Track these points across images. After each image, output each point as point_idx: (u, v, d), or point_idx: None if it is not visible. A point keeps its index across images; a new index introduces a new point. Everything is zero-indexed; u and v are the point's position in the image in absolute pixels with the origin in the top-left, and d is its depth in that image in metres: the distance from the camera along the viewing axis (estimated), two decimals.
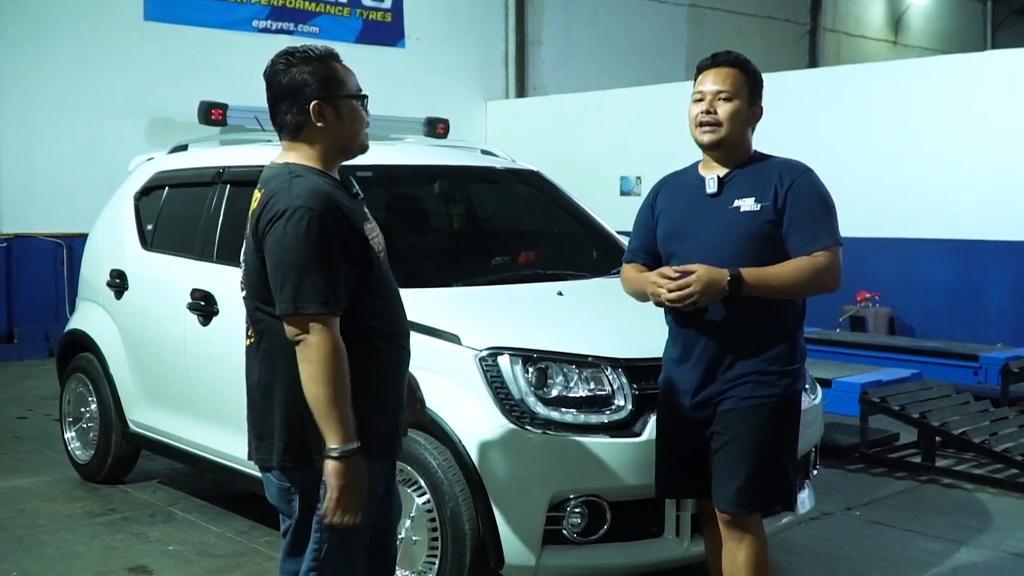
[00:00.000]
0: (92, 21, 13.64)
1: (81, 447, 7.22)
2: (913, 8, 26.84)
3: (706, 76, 4.00)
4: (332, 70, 3.35)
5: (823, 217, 3.91)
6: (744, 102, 3.96)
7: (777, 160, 4.05)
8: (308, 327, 3.14)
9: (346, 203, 3.29)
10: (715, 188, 3.96)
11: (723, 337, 3.90)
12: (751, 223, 3.88)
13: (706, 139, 3.96)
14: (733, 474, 3.89)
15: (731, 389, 3.90)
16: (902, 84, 12.33)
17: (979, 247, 11.40)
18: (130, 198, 7.05)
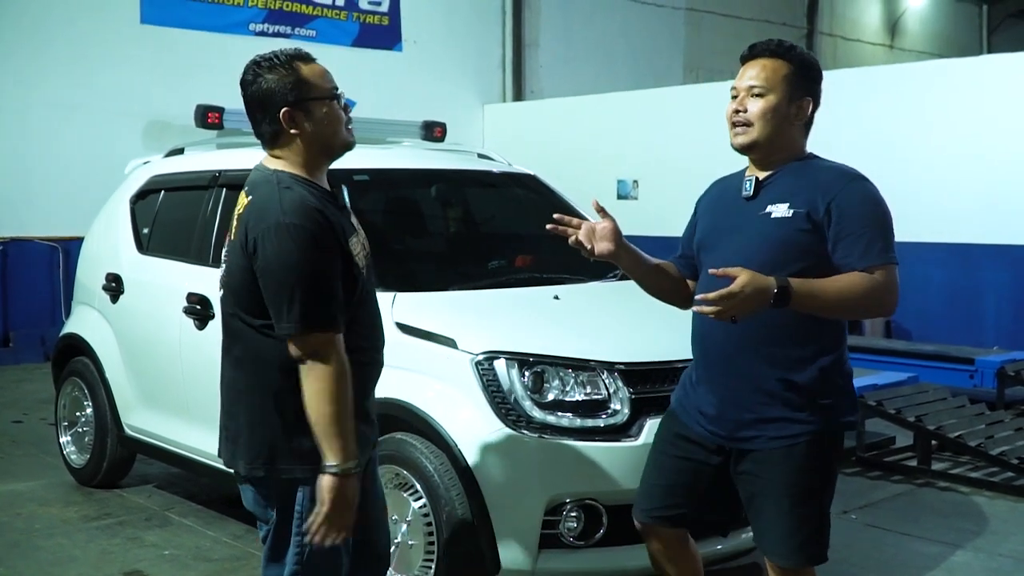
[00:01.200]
0: (88, 24, 13.62)
1: (77, 451, 7.21)
2: (909, 12, 26.87)
3: (744, 70, 3.59)
4: (297, 73, 3.28)
5: (877, 230, 3.48)
6: (782, 97, 3.52)
7: (827, 164, 3.62)
8: (318, 347, 3.13)
9: (334, 218, 3.26)
10: (751, 191, 3.58)
11: (753, 360, 3.49)
12: (781, 230, 3.46)
13: (736, 141, 3.58)
14: (775, 524, 3.54)
15: (758, 424, 3.50)
16: (898, 88, 12.34)
17: (975, 251, 11.41)
18: (126, 202, 7.05)
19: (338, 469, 3.13)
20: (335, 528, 3.18)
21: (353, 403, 3.23)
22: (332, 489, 3.14)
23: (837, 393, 3.56)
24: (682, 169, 12.33)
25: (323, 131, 3.31)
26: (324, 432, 3.14)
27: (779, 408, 3.49)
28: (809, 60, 3.63)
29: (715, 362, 3.60)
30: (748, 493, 3.60)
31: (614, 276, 5.76)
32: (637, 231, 9.32)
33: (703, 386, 3.65)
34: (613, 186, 14.75)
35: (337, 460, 3.13)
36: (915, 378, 8.84)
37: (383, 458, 4.74)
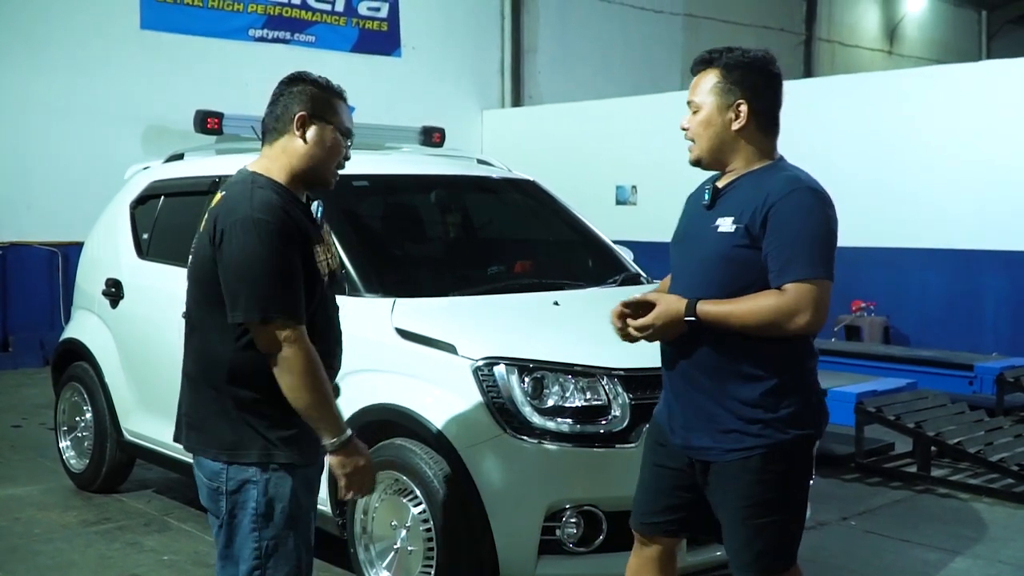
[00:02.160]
0: (88, 29, 13.64)
1: (76, 456, 7.21)
2: (908, 18, 26.90)
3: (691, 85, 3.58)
4: (331, 98, 3.46)
5: (802, 244, 3.33)
6: (711, 108, 3.47)
7: (781, 174, 3.48)
8: (283, 339, 3.23)
9: (300, 221, 3.36)
10: (708, 200, 3.54)
11: (708, 373, 3.47)
12: (723, 245, 3.41)
13: (690, 157, 3.57)
14: (733, 535, 3.54)
15: (714, 436, 3.47)
16: (897, 94, 12.36)
17: (974, 256, 11.42)
18: (126, 207, 7.05)
19: (335, 445, 3.31)
20: (362, 489, 3.47)
21: None
22: (340, 464, 3.34)
23: (796, 405, 3.47)
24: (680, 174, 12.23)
25: (319, 153, 3.42)
26: (311, 419, 3.30)
27: (733, 420, 3.45)
28: (737, 63, 3.51)
29: (675, 374, 3.60)
30: (714, 504, 3.59)
31: (614, 282, 5.77)
32: (636, 236, 9.35)
33: (669, 397, 3.66)
34: (612, 191, 14.77)
35: (332, 438, 3.31)
36: (914, 384, 8.84)
37: (382, 463, 4.76)
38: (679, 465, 3.64)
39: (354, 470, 3.35)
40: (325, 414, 3.29)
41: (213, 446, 3.41)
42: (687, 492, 3.66)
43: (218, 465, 3.40)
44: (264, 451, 3.34)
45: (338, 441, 3.31)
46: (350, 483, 3.38)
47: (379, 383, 4.87)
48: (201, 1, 14.60)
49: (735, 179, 3.53)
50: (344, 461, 3.33)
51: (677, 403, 3.60)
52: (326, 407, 3.29)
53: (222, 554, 3.50)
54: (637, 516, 3.82)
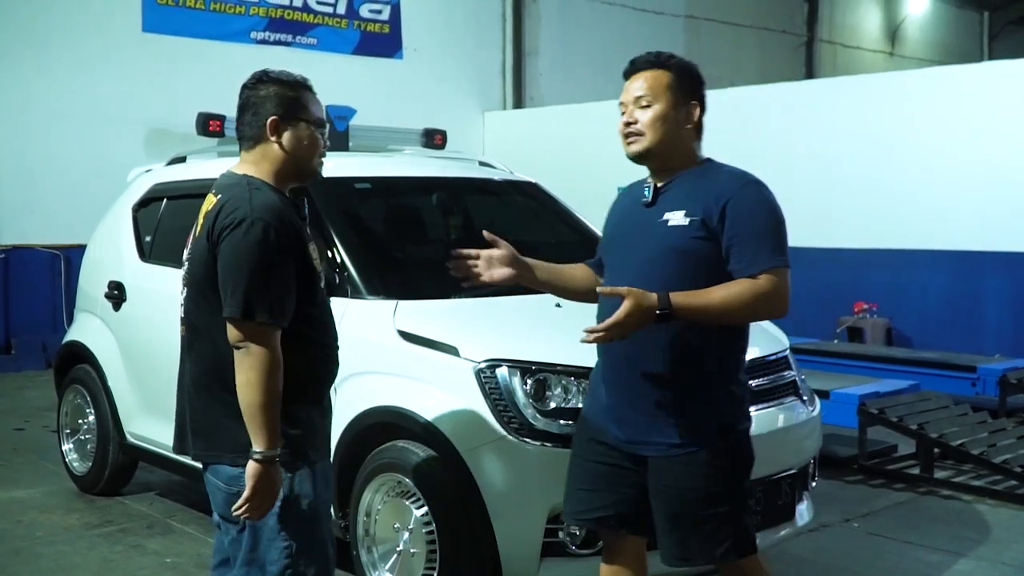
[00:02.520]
0: (90, 32, 13.66)
1: (79, 459, 7.21)
2: (910, 19, 26.89)
3: (628, 84, 3.70)
4: (298, 95, 3.51)
5: (766, 235, 3.47)
6: (668, 105, 3.59)
7: (724, 170, 3.64)
8: (253, 335, 3.28)
9: (298, 223, 3.45)
10: (649, 197, 3.64)
11: (649, 367, 3.56)
12: (677, 238, 3.50)
13: (631, 150, 3.65)
14: (668, 529, 3.62)
15: (654, 431, 3.57)
16: (899, 95, 12.35)
17: (976, 258, 11.41)
18: (128, 210, 7.05)
19: (261, 456, 3.28)
20: (257, 511, 3.33)
21: (314, 392, 3.50)
22: (255, 475, 3.28)
23: (729, 402, 3.64)
24: None
25: (299, 151, 3.50)
26: (251, 419, 3.29)
27: (673, 416, 3.56)
28: (689, 67, 3.70)
29: (617, 369, 3.66)
30: (658, 498, 3.65)
31: None
32: None
33: (609, 392, 3.70)
34: (613, 193, 14.64)
35: (262, 447, 3.28)
36: (917, 386, 8.84)
37: (384, 466, 4.76)
38: (622, 462, 3.71)
39: (264, 488, 3.29)
40: (268, 419, 3.27)
41: (228, 450, 3.43)
42: (630, 488, 3.72)
43: (237, 469, 3.40)
44: (295, 450, 3.40)
45: (268, 454, 3.27)
46: (253, 500, 3.29)
47: (381, 385, 4.87)
48: (203, 4, 14.62)
49: (674, 177, 3.65)
50: (264, 474, 3.28)
51: (622, 398, 3.65)
52: (272, 413, 3.27)
53: (246, 559, 3.49)
54: (574, 512, 3.89)
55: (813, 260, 12.36)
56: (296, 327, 3.39)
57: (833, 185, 12.48)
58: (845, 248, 12.40)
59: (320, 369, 3.55)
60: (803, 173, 12.41)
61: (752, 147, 12.26)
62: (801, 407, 5.20)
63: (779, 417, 4.95)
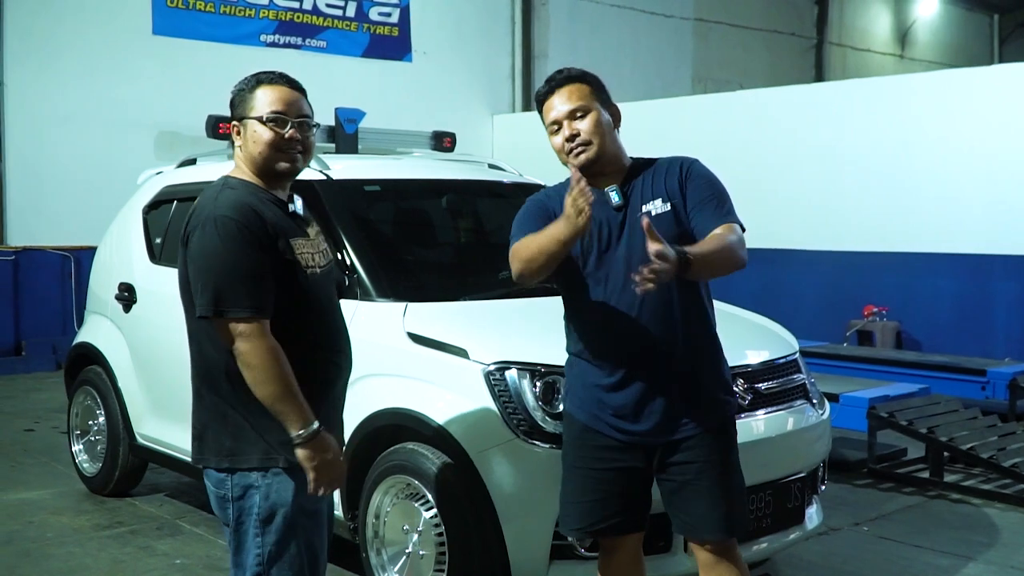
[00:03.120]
0: (100, 35, 13.70)
1: (89, 460, 7.23)
2: (919, 22, 26.87)
3: (550, 104, 3.81)
4: (245, 93, 3.53)
5: (724, 196, 3.76)
6: (599, 110, 3.79)
7: (662, 159, 3.90)
8: (238, 333, 3.25)
9: (272, 217, 3.39)
10: (619, 200, 3.76)
11: (688, 348, 3.73)
12: (666, 224, 3.65)
13: (581, 160, 3.74)
14: (716, 502, 3.73)
15: (690, 411, 3.72)
16: (908, 98, 12.34)
17: (986, 261, 11.39)
18: (139, 212, 7.07)
19: (300, 437, 3.26)
20: (332, 484, 3.36)
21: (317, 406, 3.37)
22: (307, 457, 3.28)
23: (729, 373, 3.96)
24: None
25: (249, 149, 3.48)
26: (275, 411, 3.27)
27: (707, 391, 3.78)
28: (594, 75, 3.90)
29: (644, 359, 3.71)
30: (678, 483, 3.76)
31: None
32: None
33: (625, 388, 3.73)
34: None
35: (298, 429, 3.26)
36: (927, 389, 8.83)
37: (393, 468, 4.76)
38: (629, 463, 3.77)
39: (321, 463, 3.29)
40: (288, 407, 3.25)
41: (214, 454, 3.42)
42: (636, 485, 3.82)
43: (222, 473, 3.41)
44: (264, 455, 3.35)
45: (304, 433, 3.26)
46: (319, 477, 3.30)
47: (390, 387, 4.87)
48: (213, 7, 14.65)
49: (625, 176, 3.83)
50: (311, 454, 3.28)
51: (647, 389, 3.71)
52: (289, 399, 3.25)
53: (233, 561, 3.50)
54: (579, 527, 3.91)
55: (823, 263, 12.36)
56: (281, 324, 3.34)
57: (843, 188, 12.47)
58: (855, 251, 12.38)
59: (305, 370, 3.38)
60: (813, 176, 12.41)
61: (762, 150, 12.27)
62: (811, 410, 5.20)
63: (789, 420, 4.95)
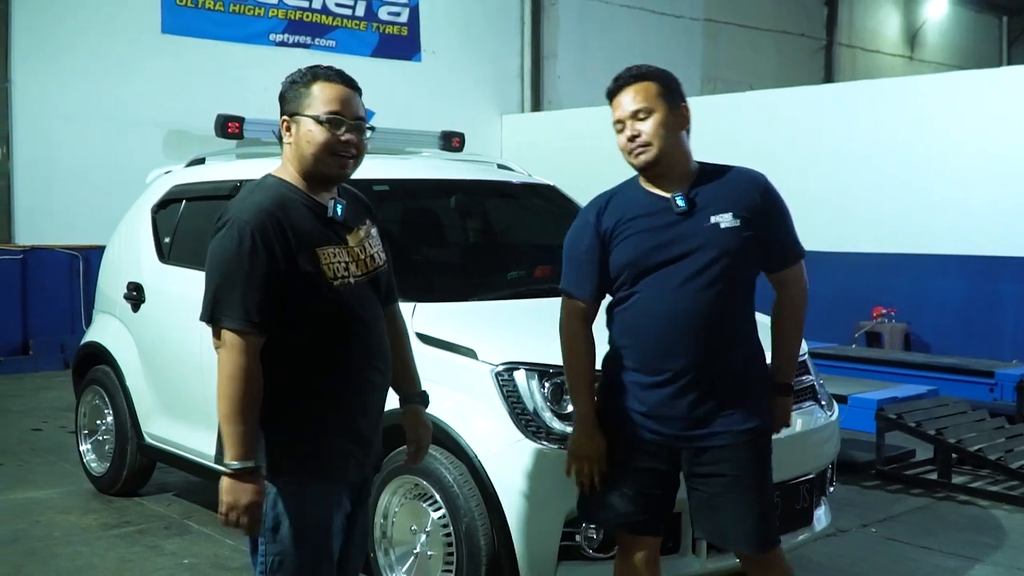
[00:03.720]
0: (109, 33, 13.71)
1: (96, 459, 7.23)
2: (929, 24, 26.84)
3: (617, 101, 3.78)
4: (299, 89, 3.35)
5: (791, 227, 3.86)
6: (665, 111, 3.72)
7: (734, 170, 3.85)
8: (224, 342, 3.18)
9: (299, 225, 3.27)
10: (685, 205, 3.71)
11: (736, 356, 3.75)
12: (731, 240, 3.67)
13: (640, 160, 3.74)
14: (744, 516, 3.74)
15: (723, 420, 3.70)
16: (917, 99, 12.32)
17: (995, 263, 11.37)
18: (147, 211, 7.07)
19: (229, 468, 3.15)
20: (237, 527, 3.19)
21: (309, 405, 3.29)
22: (224, 491, 3.17)
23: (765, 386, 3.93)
24: None
25: (301, 148, 3.33)
26: (222, 430, 3.17)
27: (742, 402, 3.74)
28: (665, 73, 3.84)
29: (687, 364, 3.69)
30: (708, 495, 3.77)
31: None
32: None
33: (660, 390, 3.73)
34: None
35: (230, 459, 3.15)
36: (935, 391, 8.82)
37: (402, 468, 4.75)
38: (656, 464, 3.79)
39: (233, 502, 3.15)
40: (232, 432, 3.13)
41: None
42: (666, 488, 3.85)
43: None
44: (273, 465, 3.25)
45: (231, 466, 3.14)
46: (227, 515, 3.17)
47: None
48: (222, 6, 14.66)
49: (693, 181, 3.77)
50: (227, 489, 3.15)
51: (677, 388, 3.70)
52: (236, 426, 3.13)
53: (252, 560, 3.44)
54: (607, 519, 3.96)
55: (832, 264, 12.33)
56: (294, 335, 3.26)
57: (852, 189, 12.46)
58: (864, 252, 12.37)
59: (319, 381, 3.32)
60: (822, 177, 12.39)
61: (771, 151, 12.25)
62: (819, 412, 5.19)
63: (797, 421, 4.94)
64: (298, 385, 3.29)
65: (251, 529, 3.21)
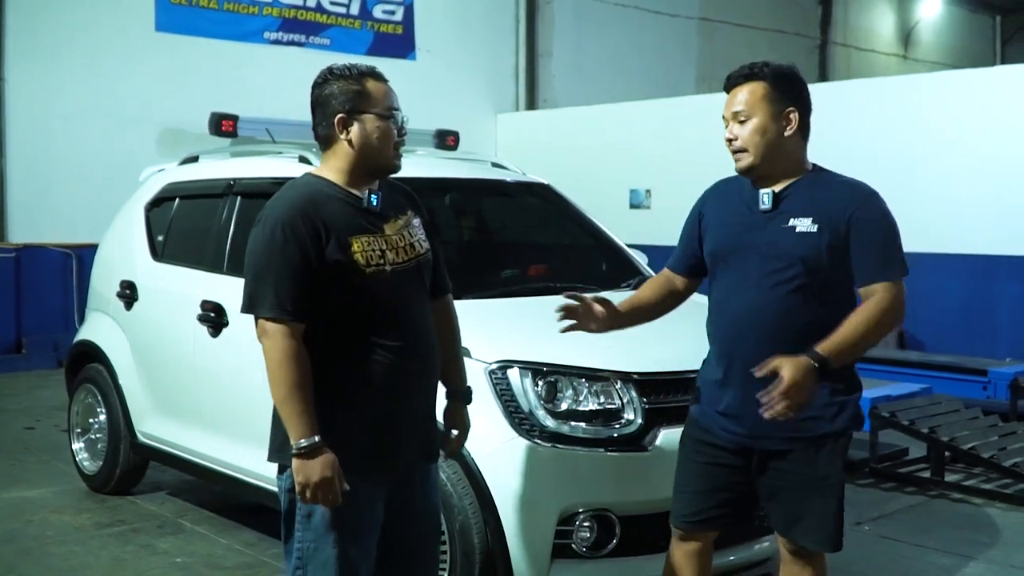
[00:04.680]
0: (103, 31, 13.68)
1: (89, 458, 7.22)
2: (923, 23, 26.85)
3: (728, 98, 3.76)
4: (362, 87, 3.42)
5: (887, 247, 3.64)
6: (766, 117, 3.66)
7: (841, 179, 3.74)
8: (263, 332, 3.31)
9: (333, 217, 3.36)
10: (769, 204, 3.68)
11: None
12: (805, 245, 3.60)
13: (737, 167, 3.73)
14: (808, 512, 3.74)
15: (786, 425, 3.56)
16: (912, 98, 12.33)
17: (988, 262, 11.38)
18: (141, 209, 7.07)
19: (296, 448, 3.25)
20: (317, 502, 3.29)
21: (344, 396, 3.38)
22: (296, 469, 3.27)
23: (853, 393, 3.78)
24: (695, 179, 12.23)
25: (369, 144, 3.43)
26: (281, 413, 3.30)
27: (814, 409, 3.60)
28: (783, 72, 3.75)
29: (747, 364, 3.62)
30: (774, 487, 3.76)
31: (628, 286, 5.75)
32: (650, 240, 9.33)
33: (730, 388, 3.74)
34: (626, 195, 14.75)
35: (295, 439, 3.25)
36: (928, 389, 8.83)
37: None
38: (732, 461, 3.79)
39: (305, 480, 3.25)
40: (290, 413, 3.25)
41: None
42: (742, 485, 3.82)
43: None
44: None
45: (299, 445, 3.24)
46: (303, 494, 3.28)
47: None
48: (216, 4, 14.63)
49: (791, 183, 3.71)
50: (301, 467, 3.25)
51: (740, 392, 3.69)
52: (292, 406, 3.25)
53: (285, 549, 3.52)
54: (684, 515, 3.93)
55: None
56: (322, 322, 3.35)
57: None
58: None
59: (349, 369, 3.40)
60: None
61: None
62: None
63: None
64: (328, 373, 3.36)
65: (331, 501, 3.28)
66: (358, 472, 3.37)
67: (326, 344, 3.36)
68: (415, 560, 3.70)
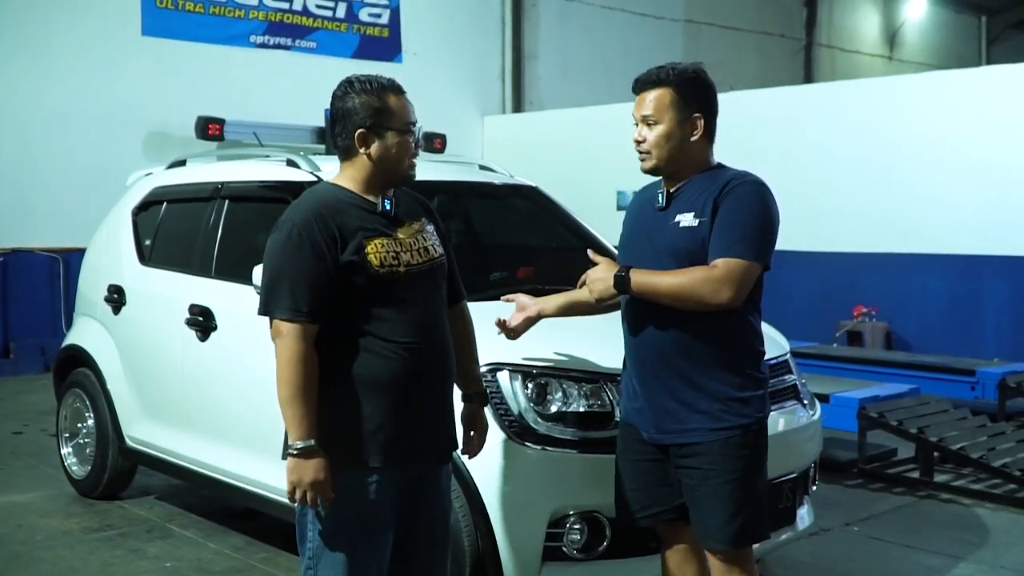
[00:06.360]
0: (89, 35, 13.66)
1: (78, 463, 7.20)
2: (908, 24, 26.92)
3: (637, 100, 3.81)
4: (383, 103, 3.51)
5: (744, 228, 3.61)
6: (672, 123, 3.72)
7: (730, 171, 3.80)
8: (276, 332, 3.40)
9: (347, 221, 3.45)
10: (663, 202, 3.80)
11: (681, 360, 3.72)
12: (688, 239, 3.67)
13: (642, 167, 3.83)
14: (713, 511, 3.74)
15: (692, 418, 3.71)
16: (897, 99, 12.35)
17: (975, 262, 11.42)
18: (128, 213, 7.05)
19: (290, 449, 3.36)
20: (306, 503, 3.38)
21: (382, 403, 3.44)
22: (287, 468, 3.37)
23: (754, 389, 3.78)
24: None
25: (388, 158, 3.54)
26: (282, 413, 3.38)
27: (708, 403, 3.71)
28: (690, 78, 3.77)
29: (649, 365, 3.79)
30: (687, 486, 3.80)
31: None
32: None
33: (641, 390, 3.85)
34: (613, 197, 14.73)
35: (292, 440, 3.35)
36: (917, 390, 8.84)
37: None
38: (658, 455, 3.86)
39: (298, 480, 3.34)
40: (291, 414, 3.34)
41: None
42: (674, 480, 3.86)
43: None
44: None
45: (294, 446, 3.33)
46: (292, 491, 3.36)
47: None
48: (202, 7, 14.62)
49: (686, 181, 3.79)
50: (292, 467, 3.35)
51: (647, 392, 3.81)
52: (295, 408, 3.33)
53: (300, 549, 3.57)
54: (634, 512, 3.99)
55: (812, 264, 12.37)
56: (348, 324, 3.44)
57: (832, 189, 12.48)
58: (844, 252, 12.40)
59: (375, 372, 3.45)
60: (802, 177, 12.40)
61: (751, 151, 12.23)
62: (802, 411, 5.20)
63: (780, 421, 4.94)
64: (344, 371, 3.44)
65: (322, 503, 3.37)
66: (360, 464, 3.45)
67: (344, 343, 3.44)
68: (427, 558, 3.74)
